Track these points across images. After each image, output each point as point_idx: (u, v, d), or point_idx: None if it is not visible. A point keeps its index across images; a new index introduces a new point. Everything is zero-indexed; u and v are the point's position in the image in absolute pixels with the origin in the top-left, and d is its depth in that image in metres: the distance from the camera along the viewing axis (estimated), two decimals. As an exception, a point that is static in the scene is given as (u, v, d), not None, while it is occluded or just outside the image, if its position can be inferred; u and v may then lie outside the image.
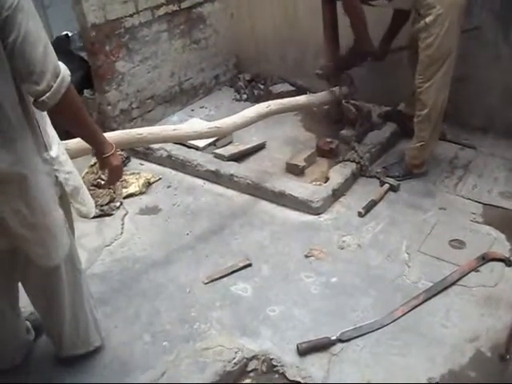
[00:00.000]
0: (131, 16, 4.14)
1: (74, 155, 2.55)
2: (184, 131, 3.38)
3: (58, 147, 2.04)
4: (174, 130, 3.33)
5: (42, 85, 1.73)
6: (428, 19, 3.22)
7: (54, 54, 1.79)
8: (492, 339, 2.57)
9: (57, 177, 2.03)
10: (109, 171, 2.23)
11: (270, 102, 3.72)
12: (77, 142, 2.60)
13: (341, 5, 3.55)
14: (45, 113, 1.96)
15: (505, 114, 4.10)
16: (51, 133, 2.05)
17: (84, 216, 2.23)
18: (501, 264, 3.00)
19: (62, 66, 1.82)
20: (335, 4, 3.87)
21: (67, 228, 2.16)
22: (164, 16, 4.42)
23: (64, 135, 2.25)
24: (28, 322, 2.61)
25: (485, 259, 3.02)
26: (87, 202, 2.23)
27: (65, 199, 2.13)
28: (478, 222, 3.34)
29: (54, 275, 2.20)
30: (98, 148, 2.14)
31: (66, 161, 2.11)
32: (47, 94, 1.75)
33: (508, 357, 2.45)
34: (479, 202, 3.51)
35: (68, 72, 1.83)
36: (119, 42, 4.13)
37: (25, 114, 1.86)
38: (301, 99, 3.94)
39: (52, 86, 1.75)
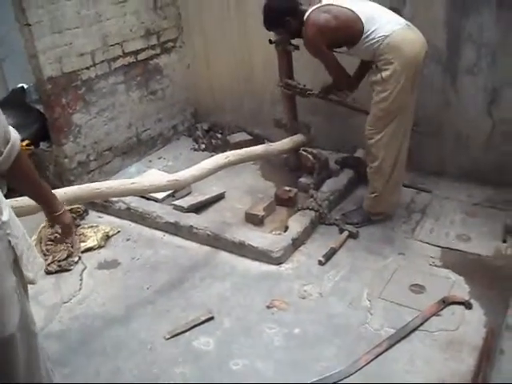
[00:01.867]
0: (88, 68, 4.16)
1: (24, 213, 2.49)
2: (142, 185, 3.36)
3: (8, 211, 1.94)
4: (133, 183, 3.32)
5: None
6: (384, 74, 3.30)
7: (4, 119, 1.79)
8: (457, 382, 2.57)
9: (9, 241, 1.92)
10: (60, 229, 2.22)
11: (229, 153, 3.75)
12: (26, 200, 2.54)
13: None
14: None
15: (457, 157, 4.22)
16: (1, 197, 1.95)
17: (29, 283, 2.08)
18: (461, 307, 3.02)
19: (12, 131, 1.83)
20: (290, 56, 3.97)
21: (18, 293, 2.01)
22: (121, 68, 4.45)
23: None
24: None
25: (445, 303, 3.04)
26: (33, 267, 2.07)
27: (18, 262, 2.02)
28: (436, 266, 3.38)
29: (7, 345, 2.02)
30: (49, 207, 2.15)
31: (15, 224, 1.99)
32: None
33: (473, 401, 2.47)
34: (437, 246, 3.56)
35: (18, 136, 1.85)
36: (76, 94, 4.13)
37: None
38: (259, 149, 3.98)
39: (2, 153, 1.77)
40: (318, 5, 3.46)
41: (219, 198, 4.21)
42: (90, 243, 3.74)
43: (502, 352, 2.42)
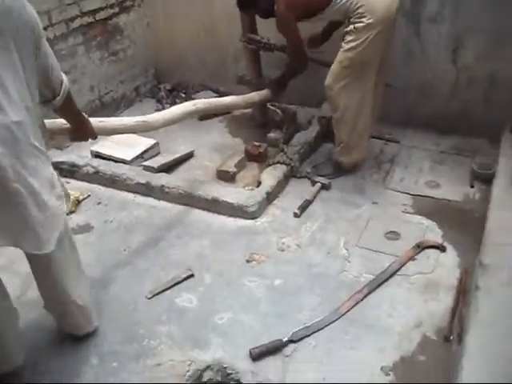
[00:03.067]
0: (45, 29, 3.93)
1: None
2: (110, 123, 3.20)
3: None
4: (100, 121, 3.12)
5: (56, 92, 2.24)
6: (357, 25, 3.32)
7: (59, 68, 2.25)
8: (436, 323, 2.67)
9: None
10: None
11: (197, 101, 3.67)
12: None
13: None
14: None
15: (421, 107, 4.28)
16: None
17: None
18: (435, 251, 3.13)
19: (64, 76, 2.29)
20: (254, 15, 3.93)
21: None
22: (79, 28, 4.31)
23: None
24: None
25: (420, 247, 3.13)
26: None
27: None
28: (409, 213, 3.47)
29: (58, 250, 2.28)
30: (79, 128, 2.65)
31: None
32: (57, 98, 2.26)
33: (452, 337, 2.57)
34: (408, 194, 3.65)
35: (67, 80, 2.32)
36: (33, 57, 3.97)
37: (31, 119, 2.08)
38: (227, 99, 3.90)
39: (59, 93, 2.26)
40: None
41: (189, 156, 4.17)
42: (59, 208, 3.66)
43: (477, 288, 2.51)
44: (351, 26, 3.35)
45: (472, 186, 3.68)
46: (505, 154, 3.59)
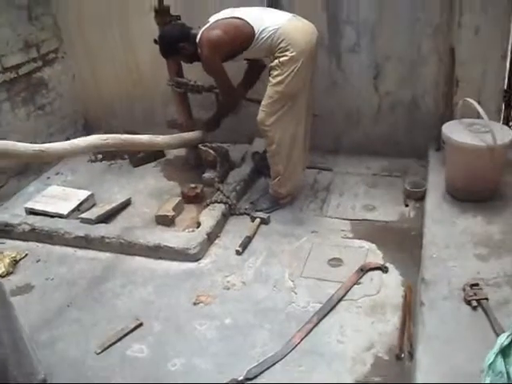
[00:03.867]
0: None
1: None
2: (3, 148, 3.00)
3: None
4: None
5: None
6: (282, 59, 3.43)
7: None
8: (386, 343, 2.71)
9: None
10: None
11: (109, 136, 3.57)
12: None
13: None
14: None
15: (349, 134, 4.44)
16: None
17: None
18: (378, 272, 3.20)
19: None
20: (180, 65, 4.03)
21: None
22: (2, 84, 4.23)
23: None
24: None
25: (363, 271, 3.19)
26: None
27: None
28: (349, 238, 3.54)
29: None
30: None
31: None
32: None
33: (403, 355, 2.62)
34: (346, 219, 3.73)
35: None
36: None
37: None
38: (144, 138, 3.85)
39: None
40: (207, 25, 3.59)
41: (126, 204, 4.13)
42: (-4, 271, 3.55)
43: (421, 304, 2.59)
44: (276, 61, 3.46)
45: (406, 205, 3.80)
46: (433, 172, 3.76)
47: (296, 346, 2.75)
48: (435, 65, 3.99)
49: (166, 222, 3.83)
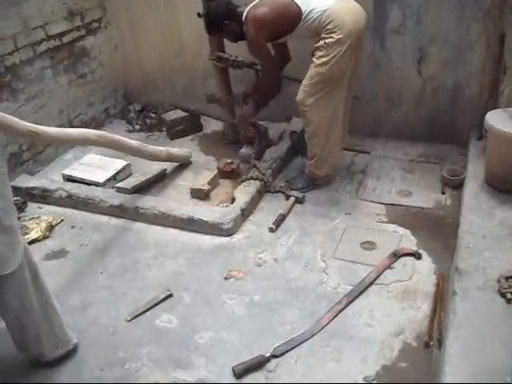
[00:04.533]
0: (11, 54, 3.97)
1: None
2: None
3: None
4: None
5: None
6: (328, 40, 3.36)
7: None
8: (415, 329, 2.69)
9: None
10: None
11: (103, 134, 3.59)
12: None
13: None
14: None
15: (390, 117, 4.36)
16: None
17: None
18: (411, 258, 3.16)
19: None
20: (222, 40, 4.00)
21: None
22: (46, 52, 4.29)
23: None
24: None
25: (396, 256, 3.16)
26: None
27: None
28: (383, 222, 3.50)
29: (20, 273, 2.35)
30: None
31: None
32: None
33: (432, 343, 2.60)
34: (381, 203, 3.69)
35: None
36: (1, 82, 3.94)
37: None
38: (133, 143, 3.84)
39: None
40: (254, 3, 3.54)
41: (161, 176, 4.16)
42: (33, 235, 3.60)
43: (454, 293, 2.55)
44: (321, 42, 3.39)
45: (443, 193, 3.74)
46: (472, 160, 3.67)
47: (324, 326, 2.75)
48: (483, 50, 3.87)
49: (200, 195, 3.85)
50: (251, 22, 3.46)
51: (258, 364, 2.56)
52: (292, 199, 3.73)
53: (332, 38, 3.35)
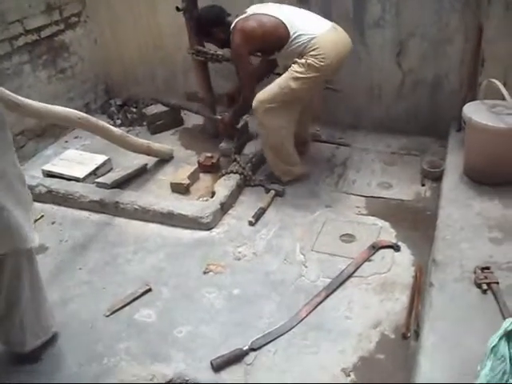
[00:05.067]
0: (-13, 48, 3.94)
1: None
2: None
3: None
4: None
5: None
6: (310, 61, 3.39)
7: None
8: (393, 321, 2.71)
9: None
10: None
11: (85, 116, 3.56)
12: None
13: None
14: None
15: (371, 110, 4.37)
16: None
17: None
18: (390, 250, 3.18)
19: None
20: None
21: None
22: (24, 46, 4.25)
23: None
24: None
25: (375, 248, 3.18)
26: None
27: None
28: (363, 215, 3.52)
29: (17, 257, 2.38)
30: None
31: None
32: None
33: (409, 334, 2.62)
34: (361, 196, 3.70)
35: None
36: (-22, 76, 3.91)
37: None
38: (116, 131, 3.85)
39: None
40: (244, 15, 3.53)
41: (142, 170, 4.14)
42: (12, 231, 3.59)
43: (431, 285, 2.57)
44: (303, 60, 3.41)
45: (423, 185, 3.76)
46: (452, 152, 3.68)
47: (303, 319, 2.76)
48: (461, 42, 3.88)
49: (180, 189, 3.84)
50: (238, 33, 3.45)
51: (237, 357, 2.56)
52: (272, 192, 3.73)
53: (314, 62, 3.37)
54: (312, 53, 3.39)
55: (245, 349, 2.59)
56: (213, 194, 3.73)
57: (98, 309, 2.93)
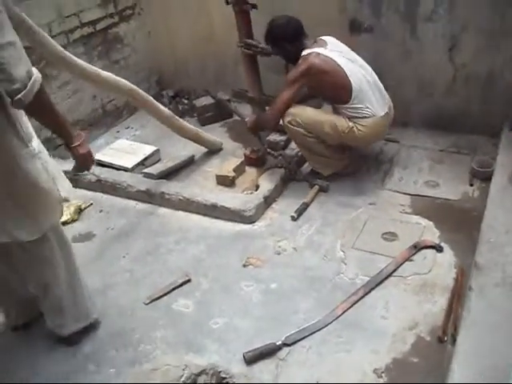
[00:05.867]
0: (45, 42, 4.04)
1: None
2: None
3: (36, 140, 2.29)
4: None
5: (17, 84, 1.93)
6: (355, 121, 3.49)
7: (27, 58, 1.99)
8: (430, 323, 2.66)
9: (42, 164, 2.28)
10: (76, 160, 2.44)
11: (135, 88, 3.67)
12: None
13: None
14: (23, 112, 2.17)
15: (421, 106, 4.26)
16: (30, 129, 2.28)
17: (64, 200, 2.46)
18: (432, 251, 3.11)
19: (35, 69, 2.02)
20: (249, 15, 3.95)
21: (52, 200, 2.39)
22: (80, 39, 4.37)
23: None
24: None
25: (417, 248, 3.12)
26: (65, 186, 2.47)
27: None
28: (407, 213, 3.45)
29: (45, 244, 2.44)
30: (67, 139, 2.34)
31: (43, 151, 2.33)
32: (22, 93, 1.95)
33: (446, 338, 2.56)
34: (407, 194, 3.63)
35: (39, 75, 2.04)
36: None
37: (5, 115, 2.11)
38: (165, 110, 3.92)
39: (27, 86, 1.95)
40: (322, 50, 3.46)
41: (189, 162, 4.20)
42: (63, 218, 3.66)
43: (470, 288, 2.50)
44: (351, 123, 3.50)
45: (471, 185, 3.65)
46: (503, 152, 3.56)
47: (338, 316, 2.75)
48: (518, 37, 3.75)
49: (225, 182, 3.88)
50: (308, 66, 3.41)
51: (269, 351, 2.58)
52: (316, 188, 3.71)
53: (356, 131, 3.50)
54: (359, 126, 3.48)
55: (278, 343, 2.60)
56: (257, 187, 3.75)
57: (137, 297, 3.01)
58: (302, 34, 3.58)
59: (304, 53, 3.48)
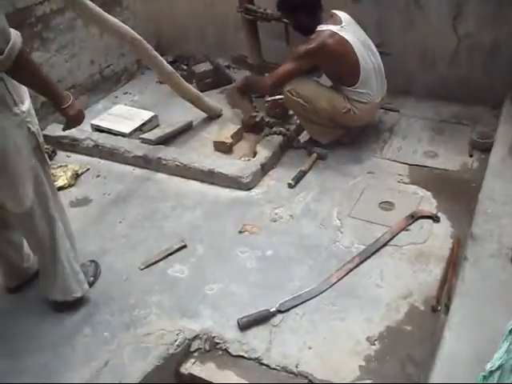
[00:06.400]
0: (41, 3, 3.98)
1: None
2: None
3: (28, 101, 2.24)
4: None
5: None
6: (352, 108, 3.55)
7: (4, 21, 1.95)
8: (424, 293, 2.66)
9: (29, 128, 2.24)
10: (67, 120, 2.44)
11: (139, 38, 3.64)
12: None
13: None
14: None
15: (423, 76, 4.21)
16: (24, 89, 2.23)
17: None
18: (429, 221, 3.10)
19: (13, 32, 1.98)
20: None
21: (35, 175, 2.35)
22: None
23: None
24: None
25: (413, 218, 3.11)
26: None
27: (39, 149, 2.35)
28: (405, 183, 3.44)
29: (28, 220, 2.43)
30: (56, 101, 2.32)
31: (33, 115, 2.30)
32: (1, 57, 1.92)
33: (439, 308, 2.57)
34: (405, 163, 3.61)
35: (20, 38, 2.01)
36: (32, 31, 3.96)
37: None
38: (168, 67, 3.87)
39: (3, 52, 1.92)
40: (337, 28, 3.41)
41: (187, 128, 4.16)
42: (60, 182, 3.66)
43: (465, 258, 2.51)
44: (349, 105, 3.54)
45: (471, 156, 3.63)
46: (504, 123, 3.54)
47: (333, 284, 2.75)
48: (524, 6, 3.68)
49: (223, 148, 3.85)
50: (319, 44, 3.37)
51: (263, 318, 2.59)
52: (314, 155, 3.69)
53: (353, 111, 3.54)
54: (356, 109, 3.53)
55: (272, 310, 2.60)
56: (255, 153, 3.72)
57: (133, 262, 3.00)
58: (320, 7, 3.51)
59: (319, 28, 3.42)
